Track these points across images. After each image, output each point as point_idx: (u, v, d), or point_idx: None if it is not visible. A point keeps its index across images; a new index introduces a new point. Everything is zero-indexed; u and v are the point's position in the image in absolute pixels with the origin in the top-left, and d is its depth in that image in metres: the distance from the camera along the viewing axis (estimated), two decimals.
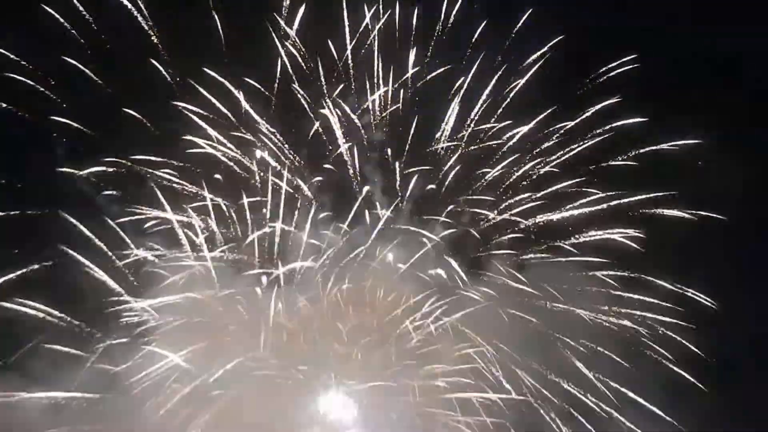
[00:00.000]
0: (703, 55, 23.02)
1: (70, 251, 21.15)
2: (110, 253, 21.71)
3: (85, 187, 22.06)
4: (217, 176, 22.85)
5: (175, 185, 22.68)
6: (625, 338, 23.19)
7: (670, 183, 22.88)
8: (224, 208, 22.90)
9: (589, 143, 23.56)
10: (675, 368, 22.49)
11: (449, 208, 23.93)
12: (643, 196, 22.96)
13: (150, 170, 22.44)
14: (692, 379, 22.22)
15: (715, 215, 22.51)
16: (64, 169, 21.57)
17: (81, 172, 21.76)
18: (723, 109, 22.54)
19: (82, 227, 21.38)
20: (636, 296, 23.11)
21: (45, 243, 21.02)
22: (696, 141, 22.69)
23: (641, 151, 23.17)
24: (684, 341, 22.53)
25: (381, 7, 23.04)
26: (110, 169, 22.11)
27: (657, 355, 22.78)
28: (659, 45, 22.59)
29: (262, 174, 23.04)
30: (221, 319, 22.32)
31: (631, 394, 22.39)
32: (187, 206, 22.43)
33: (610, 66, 22.93)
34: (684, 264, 23.06)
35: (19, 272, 20.68)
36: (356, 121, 23.67)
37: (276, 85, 22.92)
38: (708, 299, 22.63)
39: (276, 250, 22.77)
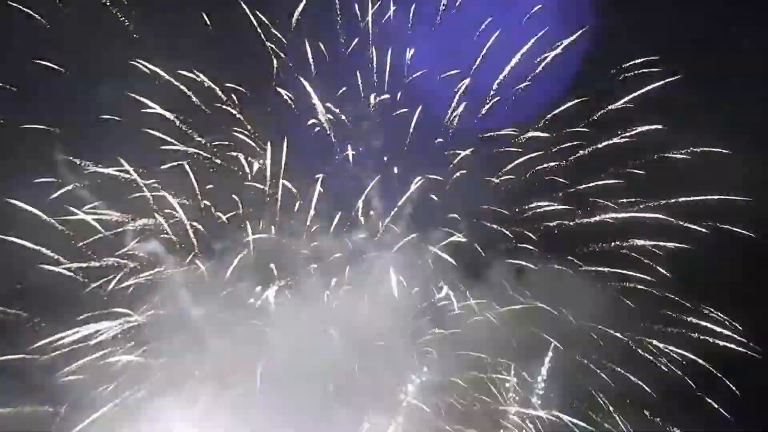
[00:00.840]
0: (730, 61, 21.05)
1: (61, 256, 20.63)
2: (102, 263, 21.13)
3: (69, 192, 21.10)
4: (210, 186, 22.03)
5: (164, 193, 21.72)
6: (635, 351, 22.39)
7: (690, 193, 21.46)
8: (218, 216, 22.19)
9: (606, 146, 22.14)
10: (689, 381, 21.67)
11: (450, 216, 23.00)
12: (652, 203, 21.91)
13: (138, 179, 21.48)
14: (712, 402, 21.54)
15: (739, 230, 21.18)
16: (42, 180, 20.63)
17: (67, 187, 20.85)
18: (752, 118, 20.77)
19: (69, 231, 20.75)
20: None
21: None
22: (721, 150, 21.16)
23: (661, 156, 21.75)
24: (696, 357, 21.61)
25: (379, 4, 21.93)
26: (97, 180, 21.25)
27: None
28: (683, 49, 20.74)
29: (258, 185, 22.32)
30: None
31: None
32: (178, 214, 21.64)
33: (627, 65, 21.41)
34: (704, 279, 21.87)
35: None
36: (348, 124, 22.77)
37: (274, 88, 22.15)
38: (727, 317, 21.53)
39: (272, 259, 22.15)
